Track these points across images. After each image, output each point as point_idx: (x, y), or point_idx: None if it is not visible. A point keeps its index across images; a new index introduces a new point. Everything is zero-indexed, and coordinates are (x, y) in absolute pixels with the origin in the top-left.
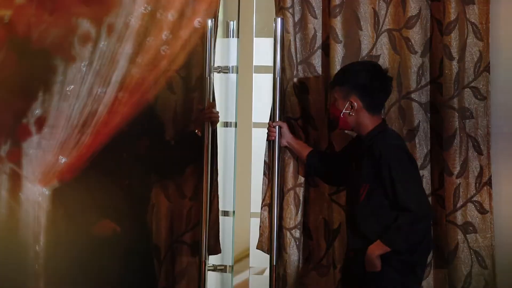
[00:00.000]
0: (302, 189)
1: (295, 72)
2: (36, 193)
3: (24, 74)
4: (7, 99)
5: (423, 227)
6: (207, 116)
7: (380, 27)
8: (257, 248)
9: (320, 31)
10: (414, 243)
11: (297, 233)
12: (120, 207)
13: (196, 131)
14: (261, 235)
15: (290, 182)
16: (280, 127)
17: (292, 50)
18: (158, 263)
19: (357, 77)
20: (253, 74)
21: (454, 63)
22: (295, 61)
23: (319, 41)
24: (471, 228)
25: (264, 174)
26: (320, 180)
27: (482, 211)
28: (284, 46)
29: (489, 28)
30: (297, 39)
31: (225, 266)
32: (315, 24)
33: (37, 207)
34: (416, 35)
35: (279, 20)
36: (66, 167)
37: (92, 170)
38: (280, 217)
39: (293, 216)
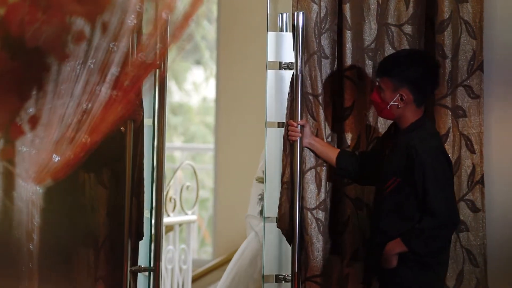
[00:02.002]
0: (324, 168)
1: (316, 47)
2: (29, 191)
3: (17, 72)
4: (0, 97)
5: (446, 234)
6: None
7: (381, 21)
8: (277, 227)
9: (334, 13)
10: (435, 248)
11: (319, 214)
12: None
13: (121, 128)
14: (279, 214)
15: (309, 162)
16: (302, 127)
17: (318, 21)
18: (94, 251)
19: (410, 70)
20: (267, 70)
21: (448, 61)
22: (318, 33)
23: (330, 23)
24: (463, 226)
25: (284, 150)
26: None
27: (474, 209)
28: (310, 19)
29: (483, 26)
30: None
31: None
32: (327, 3)
33: (30, 205)
34: (416, 32)
35: (300, 14)
36: (60, 165)
37: None
38: (301, 197)
39: (314, 196)
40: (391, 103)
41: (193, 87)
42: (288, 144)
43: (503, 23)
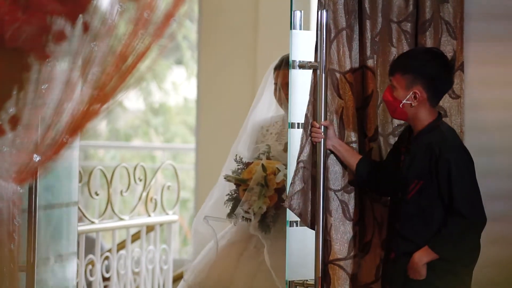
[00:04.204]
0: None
1: (346, 24)
2: (10, 191)
3: None
4: None
5: (475, 235)
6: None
7: (385, 15)
8: (285, 206)
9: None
10: (465, 251)
11: (344, 196)
12: None
13: None
14: (290, 192)
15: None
16: (326, 128)
17: None
18: None
19: (425, 66)
20: (291, 70)
21: None
22: (347, 10)
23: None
24: None
25: (304, 129)
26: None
27: None
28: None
29: (463, 26)
30: None
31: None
32: None
33: (11, 205)
34: (412, 31)
35: (324, 12)
36: (40, 165)
37: None
38: (325, 177)
39: (339, 177)
40: (404, 101)
41: (173, 87)
42: (310, 122)
43: (483, 23)
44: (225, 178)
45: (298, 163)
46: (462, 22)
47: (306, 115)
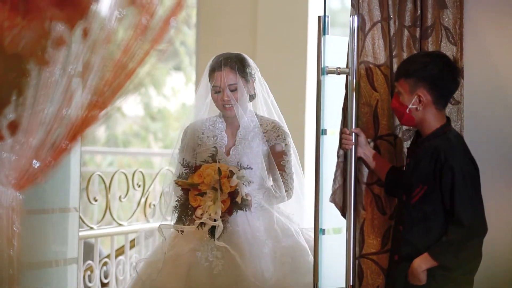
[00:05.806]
0: (385, 142)
1: (381, 16)
2: (10, 197)
3: None
4: None
5: (475, 244)
6: None
7: (399, 20)
8: (330, 201)
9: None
10: (465, 260)
11: (377, 190)
12: None
13: None
14: (333, 188)
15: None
16: (357, 135)
17: None
18: None
19: (426, 68)
20: (322, 76)
21: None
22: (380, 2)
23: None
24: None
25: (342, 122)
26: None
27: None
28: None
29: (463, 32)
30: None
31: None
32: None
33: (10, 211)
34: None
35: (355, 18)
36: (39, 170)
37: None
38: (357, 171)
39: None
40: (410, 106)
41: (172, 92)
42: (345, 117)
43: (482, 29)
44: (176, 183)
45: (338, 157)
46: (461, 28)
47: (343, 109)
